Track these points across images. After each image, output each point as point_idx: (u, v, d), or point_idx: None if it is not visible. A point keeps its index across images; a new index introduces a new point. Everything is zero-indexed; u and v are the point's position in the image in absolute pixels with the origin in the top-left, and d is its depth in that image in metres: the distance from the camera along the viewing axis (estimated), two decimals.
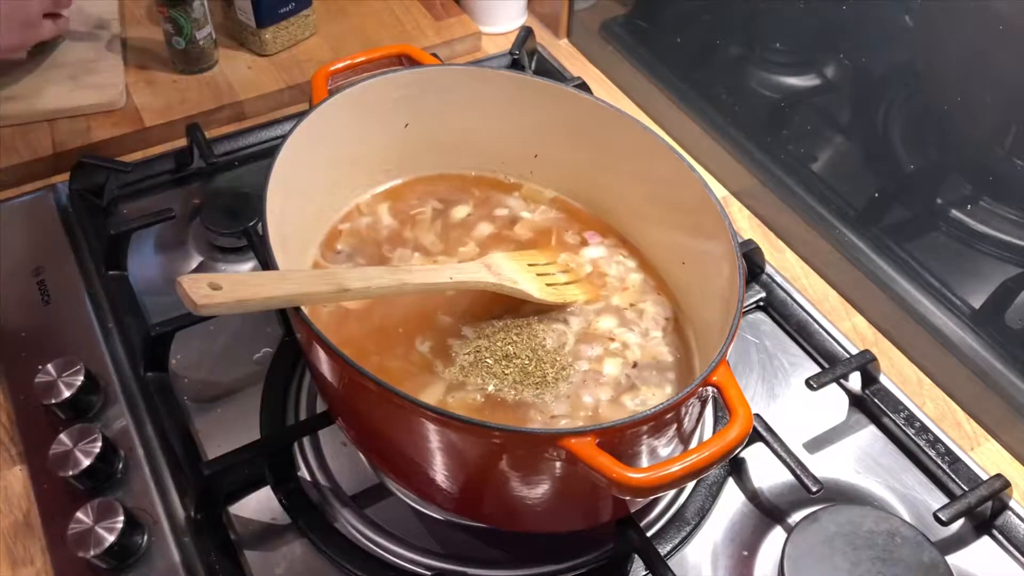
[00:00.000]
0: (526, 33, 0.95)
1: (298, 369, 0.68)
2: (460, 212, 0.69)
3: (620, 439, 0.47)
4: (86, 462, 0.57)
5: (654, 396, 0.59)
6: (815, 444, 0.66)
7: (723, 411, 0.62)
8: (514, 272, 0.62)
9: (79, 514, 0.55)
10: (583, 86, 0.88)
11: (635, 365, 0.60)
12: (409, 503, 0.61)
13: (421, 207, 0.69)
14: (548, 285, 0.63)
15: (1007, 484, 0.61)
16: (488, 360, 0.58)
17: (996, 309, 0.68)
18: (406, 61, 0.68)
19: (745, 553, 0.60)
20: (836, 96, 0.77)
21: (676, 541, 0.60)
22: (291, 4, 0.93)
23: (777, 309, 0.74)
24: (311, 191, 0.62)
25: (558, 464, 0.46)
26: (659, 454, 0.52)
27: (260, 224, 0.52)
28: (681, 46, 0.91)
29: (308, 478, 0.62)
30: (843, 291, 0.78)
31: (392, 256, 0.66)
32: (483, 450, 0.48)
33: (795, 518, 0.61)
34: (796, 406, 0.68)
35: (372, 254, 0.66)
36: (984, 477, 0.62)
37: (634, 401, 0.58)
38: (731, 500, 0.63)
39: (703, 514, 0.61)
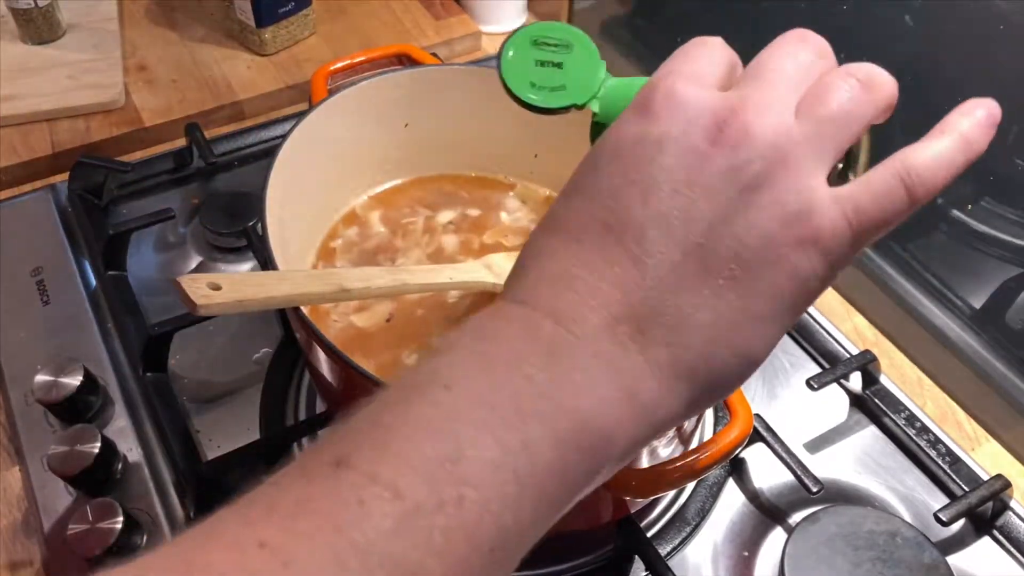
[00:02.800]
0: None
1: (298, 369, 0.68)
2: (443, 218, 0.69)
3: None
4: (85, 462, 0.57)
5: None
6: (815, 444, 0.66)
7: (723, 411, 0.61)
8: None
9: (78, 515, 0.55)
10: None
11: None
12: None
13: (412, 216, 0.69)
14: None
15: (1008, 484, 0.61)
16: None
17: (997, 309, 0.68)
18: (406, 61, 0.68)
19: (745, 553, 0.60)
20: None
21: (676, 541, 0.60)
22: (291, 3, 0.93)
23: None
24: (311, 191, 0.62)
25: None
26: (659, 454, 0.52)
27: (260, 224, 0.52)
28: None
29: None
30: (844, 291, 0.78)
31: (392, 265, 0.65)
32: None
33: (795, 518, 0.61)
34: (796, 406, 0.68)
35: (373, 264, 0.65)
36: (985, 477, 0.62)
37: None
38: (731, 500, 0.63)
39: (703, 514, 0.61)
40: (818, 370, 0.70)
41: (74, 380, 0.61)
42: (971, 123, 0.33)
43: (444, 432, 0.27)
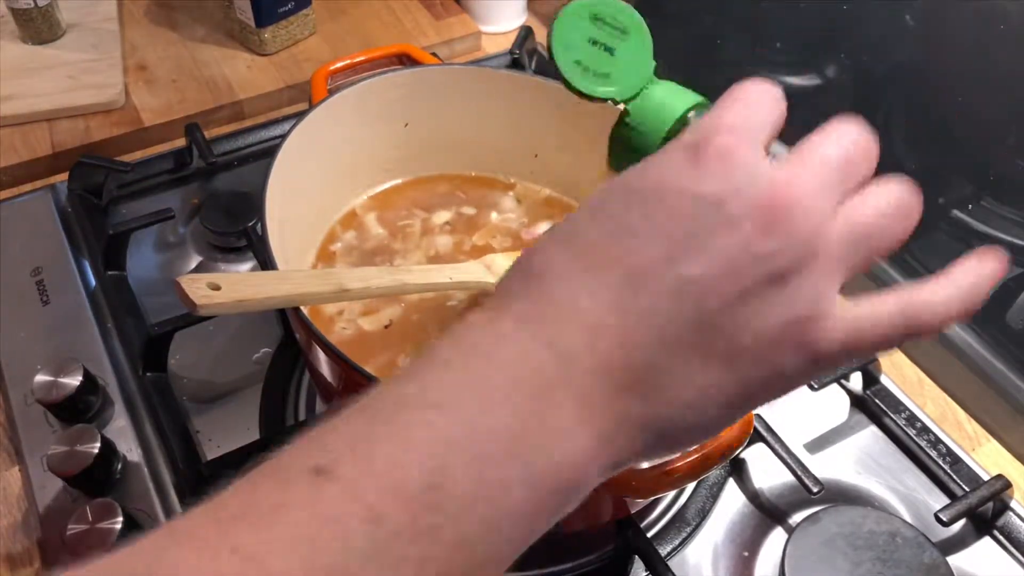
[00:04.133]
0: (526, 33, 0.95)
1: (298, 369, 0.68)
2: (440, 218, 0.69)
3: None
4: (85, 463, 0.57)
5: None
6: (816, 444, 0.66)
7: None
8: None
9: (78, 515, 0.55)
10: None
11: None
12: None
13: (409, 218, 0.68)
14: None
15: (1008, 484, 0.61)
16: None
17: (997, 309, 0.68)
18: (406, 61, 0.68)
19: (746, 554, 0.60)
20: (837, 96, 0.77)
21: (677, 542, 0.60)
22: (290, 3, 0.93)
23: None
24: (311, 191, 0.62)
25: None
26: None
27: (259, 224, 0.52)
28: (681, 46, 0.91)
29: None
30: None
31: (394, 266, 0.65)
32: None
33: (796, 519, 0.61)
34: (797, 406, 0.68)
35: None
36: (985, 478, 0.62)
37: None
38: (732, 501, 0.63)
39: (704, 515, 0.61)
40: None
41: (74, 380, 0.61)
42: (980, 278, 0.33)
43: (429, 458, 0.27)
